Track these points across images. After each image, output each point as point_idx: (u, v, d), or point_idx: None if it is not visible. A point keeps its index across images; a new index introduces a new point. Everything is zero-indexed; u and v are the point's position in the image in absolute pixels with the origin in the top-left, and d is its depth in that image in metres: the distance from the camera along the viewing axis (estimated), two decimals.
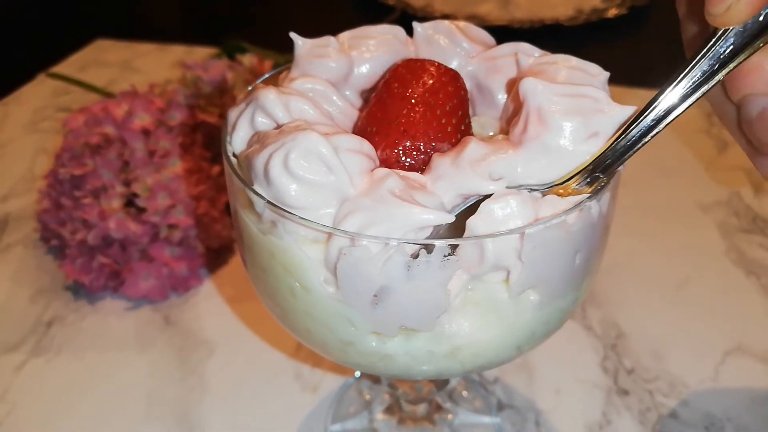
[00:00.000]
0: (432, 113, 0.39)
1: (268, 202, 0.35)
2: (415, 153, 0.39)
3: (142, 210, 0.68)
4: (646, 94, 0.34)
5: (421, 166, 0.39)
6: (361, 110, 0.45)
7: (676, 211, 0.81)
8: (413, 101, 0.39)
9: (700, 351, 0.63)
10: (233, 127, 0.41)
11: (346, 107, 0.43)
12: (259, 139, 0.38)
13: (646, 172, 0.86)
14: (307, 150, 0.34)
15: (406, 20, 1.23)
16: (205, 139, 0.75)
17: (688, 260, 0.74)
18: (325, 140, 0.35)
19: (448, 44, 0.46)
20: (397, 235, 0.33)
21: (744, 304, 0.68)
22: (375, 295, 0.35)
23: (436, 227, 0.35)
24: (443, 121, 0.40)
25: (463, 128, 0.41)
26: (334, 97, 0.43)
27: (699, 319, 0.67)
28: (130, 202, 0.68)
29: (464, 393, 0.61)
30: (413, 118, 0.39)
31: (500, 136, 0.41)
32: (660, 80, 0.34)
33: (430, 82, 0.40)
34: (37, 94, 1.10)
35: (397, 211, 0.33)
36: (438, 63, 0.41)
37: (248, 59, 0.87)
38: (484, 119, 0.45)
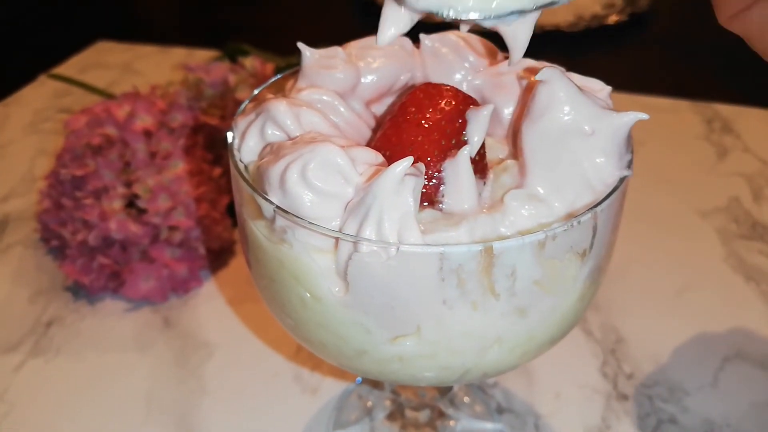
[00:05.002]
0: (447, 141, 0.39)
1: (278, 207, 0.35)
2: (427, 181, 0.39)
3: (143, 211, 0.68)
4: (647, 101, 0.35)
5: (433, 194, 0.39)
6: (372, 127, 0.45)
7: (675, 217, 0.82)
8: (428, 127, 0.39)
9: (699, 356, 0.63)
10: (242, 137, 0.41)
11: (353, 118, 0.43)
12: (272, 150, 0.38)
13: (646, 178, 0.86)
14: (326, 161, 0.35)
15: None
16: (206, 141, 0.75)
17: (688, 266, 0.74)
18: (343, 152, 0.35)
19: (454, 58, 0.46)
20: (387, 204, 0.33)
21: (743, 311, 0.68)
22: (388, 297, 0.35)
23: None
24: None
25: (476, 158, 0.40)
26: (342, 109, 0.43)
27: (698, 324, 0.67)
28: (131, 203, 0.68)
29: (465, 399, 0.61)
30: (428, 148, 0.39)
31: (510, 162, 0.41)
32: (660, 86, 0.35)
33: (447, 108, 0.39)
34: (38, 95, 1.10)
35: (374, 183, 0.33)
36: (455, 89, 0.40)
37: (250, 62, 0.87)
38: (490, 140, 0.44)
